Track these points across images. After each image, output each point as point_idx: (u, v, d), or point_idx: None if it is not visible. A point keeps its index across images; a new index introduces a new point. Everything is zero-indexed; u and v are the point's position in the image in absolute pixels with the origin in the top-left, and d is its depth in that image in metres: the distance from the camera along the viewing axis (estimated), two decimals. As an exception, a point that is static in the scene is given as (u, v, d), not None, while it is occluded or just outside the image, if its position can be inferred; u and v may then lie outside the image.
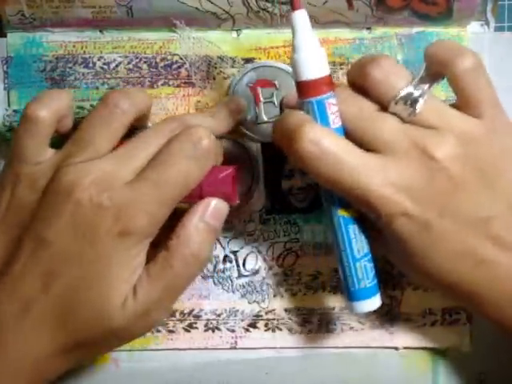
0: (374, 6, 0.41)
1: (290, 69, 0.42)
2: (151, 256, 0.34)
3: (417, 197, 0.33)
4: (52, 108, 0.36)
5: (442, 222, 0.33)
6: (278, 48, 0.42)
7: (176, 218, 0.35)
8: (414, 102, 0.33)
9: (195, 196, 0.35)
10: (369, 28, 0.42)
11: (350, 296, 0.36)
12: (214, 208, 0.35)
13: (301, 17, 0.33)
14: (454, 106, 0.34)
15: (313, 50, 0.34)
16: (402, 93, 0.33)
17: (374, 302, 0.36)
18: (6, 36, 0.42)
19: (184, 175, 0.34)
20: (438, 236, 0.33)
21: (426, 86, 0.33)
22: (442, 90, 0.41)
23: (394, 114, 0.34)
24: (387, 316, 0.43)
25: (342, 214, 0.35)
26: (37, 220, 0.34)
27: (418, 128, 0.33)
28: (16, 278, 0.33)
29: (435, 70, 0.34)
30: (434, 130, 0.33)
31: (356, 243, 0.35)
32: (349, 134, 0.34)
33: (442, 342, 0.43)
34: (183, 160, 0.34)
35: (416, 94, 0.33)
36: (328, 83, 0.34)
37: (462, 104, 0.34)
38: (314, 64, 0.34)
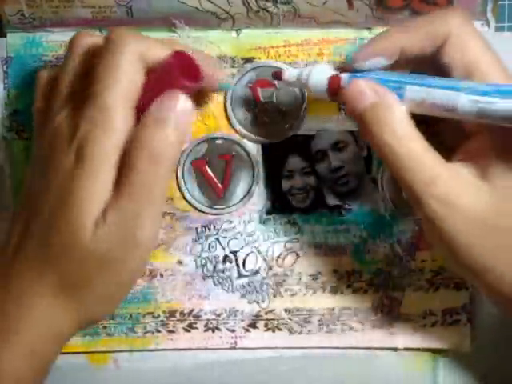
0: (373, 6, 0.40)
1: (289, 69, 0.42)
2: None
3: None
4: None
5: None
6: (277, 48, 0.42)
7: None
8: None
9: (152, 95, 0.33)
10: (369, 28, 0.42)
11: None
12: (163, 102, 0.33)
13: None
14: None
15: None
16: None
17: None
18: (5, 36, 0.42)
19: (109, 75, 0.33)
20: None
21: None
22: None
23: None
24: (387, 316, 0.43)
25: None
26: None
27: None
28: (11, 231, 0.35)
29: None
30: None
31: None
32: None
33: (442, 342, 0.43)
34: (103, 61, 0.33)
35: None
36: None
37: None
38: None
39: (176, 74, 0.33)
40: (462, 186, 0.33)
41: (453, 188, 0.33)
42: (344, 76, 0.35)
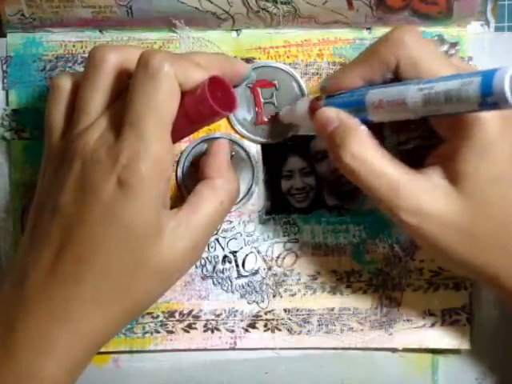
0: (373, 6, 0.40)
1: (290, 69, 0.42)
2: None
3: None
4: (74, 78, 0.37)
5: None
6: (277, 48, 0.42)
7: None
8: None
9: (187, 123, 0.35)
10: (369, 28, 0.42)
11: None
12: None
13: None
14: None
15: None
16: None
17: None
18: (5, 36, 0.42)
19: (148, 103, 0.33)
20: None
21: None
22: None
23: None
24: (387, 317, 0.43)
25: None
26: (49, 193, 0.35)
27: None
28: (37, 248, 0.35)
29: None
30: None
31: None
32: None
33: (441, 342, 0.43)
34: (141, 88, 0.33)
35: None
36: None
37: None
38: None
39: (210, 103, 0.33)
40: (431, 193, 0.34)
41: (421, 196, 0.33)
42: (322, 100, 0.37)
